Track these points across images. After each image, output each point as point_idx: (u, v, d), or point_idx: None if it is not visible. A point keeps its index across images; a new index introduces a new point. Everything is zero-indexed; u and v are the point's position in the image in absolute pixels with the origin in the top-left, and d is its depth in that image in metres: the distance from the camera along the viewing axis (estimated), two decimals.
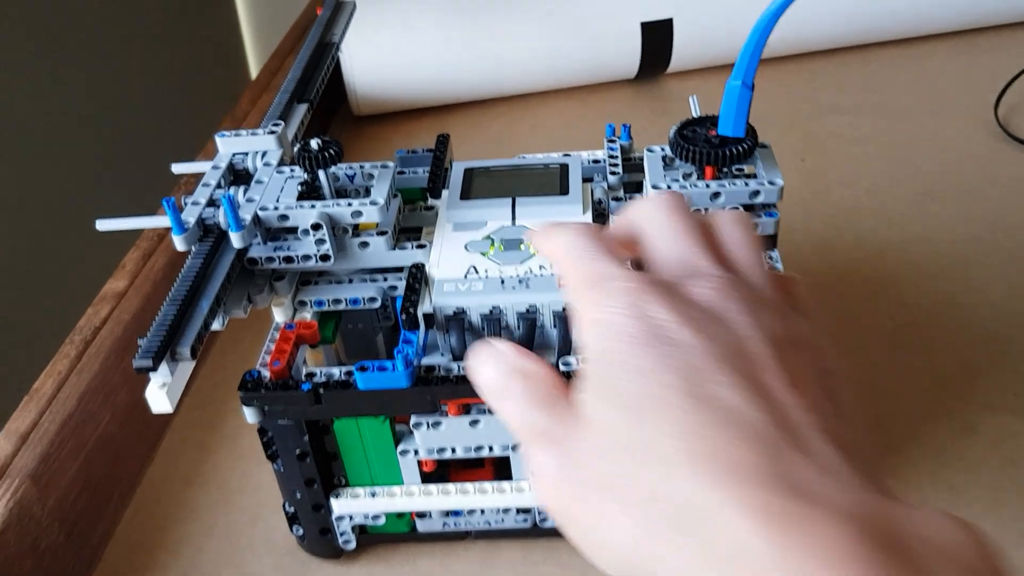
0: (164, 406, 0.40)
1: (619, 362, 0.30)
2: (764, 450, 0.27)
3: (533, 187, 0.51)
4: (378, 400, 0.44)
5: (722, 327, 0.31)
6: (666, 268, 0.34)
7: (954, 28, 1.02)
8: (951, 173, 0.80)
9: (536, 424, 0.33)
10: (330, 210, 0.46)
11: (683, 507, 0.27)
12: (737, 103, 0.46)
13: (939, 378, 0.60)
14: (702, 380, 0.29)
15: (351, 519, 0.49)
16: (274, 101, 0.55)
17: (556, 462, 0.31)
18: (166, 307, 0.42)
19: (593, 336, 0.32)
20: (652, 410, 0.29)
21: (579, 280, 0.34)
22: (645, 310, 0.31)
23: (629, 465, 0.29)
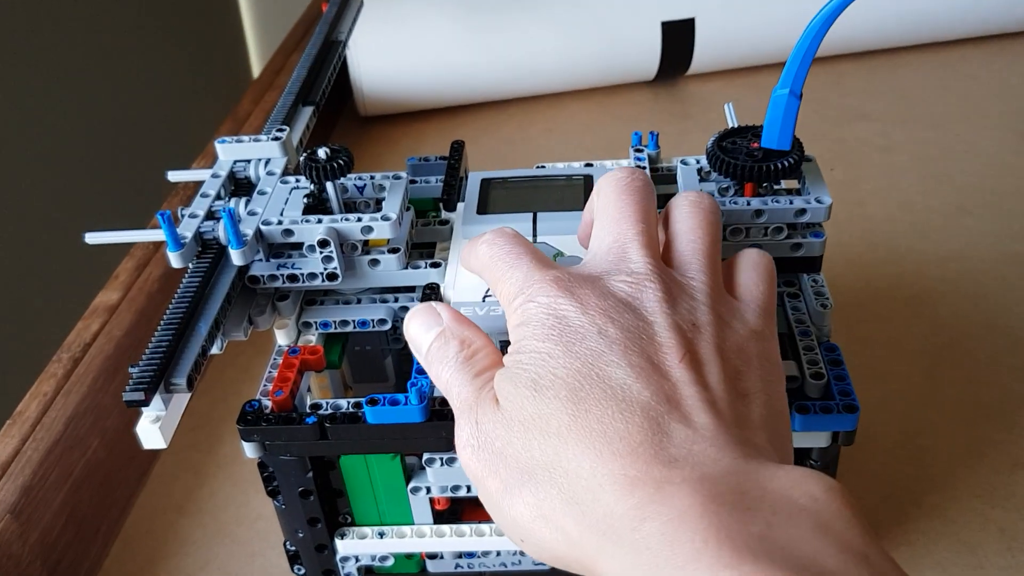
0: (157, 442, 0.36)
1: (528, 350, 0.33)
2: (642, 423, 0.30)
3: (555, 201, 0.48)
4: (389, 436, 0.40)
5: (629, 315, 0.33)
6: (599, 259, 0.36)
7: (986, 32, 0.98)
8: (987, 186, 0.77)
9: (463, 393, 0.35)
10: (338, 225, 0.42)
11: (569, 477, 0.30)
12: (784, 114, 0.42)
13: (982, 409, 0.56)
14: (597, 362, 0.31)
15: (357, 560, 0.46)
16: (277, 103, 0.51)
17: (473, 432, 0.33)
18: (160, 332, 0.38)
19: (515, 336, 0.34)
20: (548, 387, 0.31)
21: (505, 290, 0.36)
22: (557, 307, 0.33)
23: (527, 438, 0.31)
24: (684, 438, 0.30)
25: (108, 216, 0.87)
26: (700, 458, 0.29)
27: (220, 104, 0.91)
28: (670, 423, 0.30)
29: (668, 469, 0.29)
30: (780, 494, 0.27)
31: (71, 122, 0.86)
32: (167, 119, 1.00)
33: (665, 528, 0.27)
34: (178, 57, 1.05)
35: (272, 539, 0.51)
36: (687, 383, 0.31)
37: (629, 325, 0.33)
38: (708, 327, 0.33)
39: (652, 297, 0.33)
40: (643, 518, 0.27)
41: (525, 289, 0.35)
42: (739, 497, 0.27)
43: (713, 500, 0.27)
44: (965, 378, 0.59)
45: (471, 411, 0.34)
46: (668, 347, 0.32)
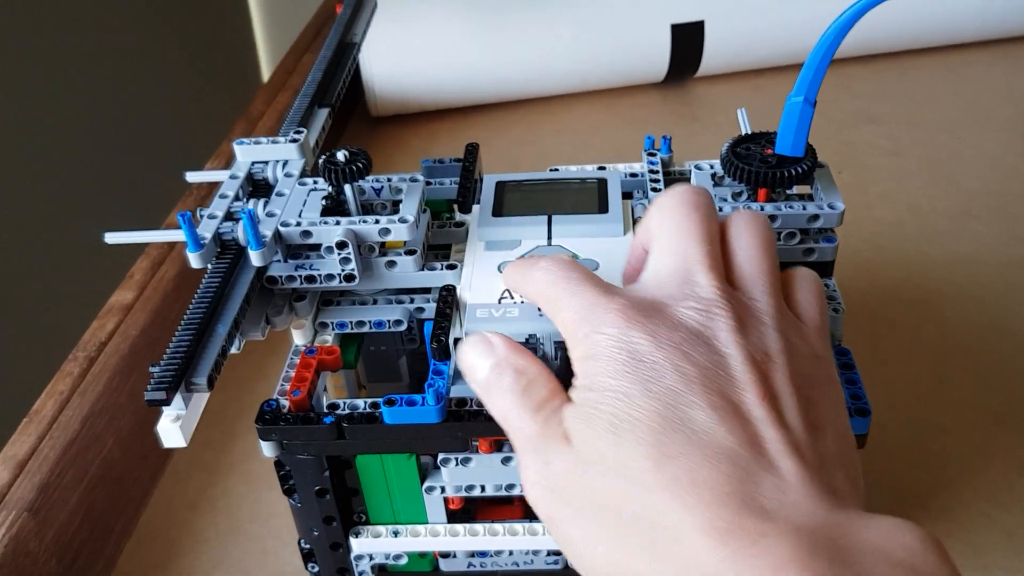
0: (178, 441, 0.37)
1: (601, 387, 0.32)
2: (728, 470, 0.29)
3: (570, 204, 0.48)
4: (406, 436, 0.40)
5: (703, 348, 0.32)
6: (662, 282, 0.35)
7: (992, 36, 0.98)
8: (993, 190, 0.77)
9: (524, 428, 0.34)
10: (356, 227, 0.43)
11: (652, 526, 0.29)
12: (798, 121, 0.43)
13: (990, 413, 0.57)
14: (677, 403, 0.30)
15: (371, 558, 0.46)
16: (293, 105, 0.52)
17: (543, 472, 0.33)
18: (180, 332, 0.38)
19: (582, 369, 0.33)
20: (628, 431, 0.30)
21: (567, 318, 0.35)
22: (629, 340, 0.32)
23: (604, 484, 0.31)
24: (773, 487, 0.29)
25: (122, 215, 0.87)
26: (792, 510, 0.28)
27: (231, 105, 0.92)
28: (758, 471, 0.29)
29: (762, 521, 0.28)
30: (875, 547, 0.27)
31: (84, 123, 0.86)
32: (179, 120, 1.01)
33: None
34: (189, 58, 1.05)
35: (285, 536, 0.52)
36: (768, 424, 0.30)
37: (704, 361, 0.32)
38: (779, 355, 0.33)
39: (723, 326, 0.32)
40: (738, 571, 0.27)
41: (590, 318, 0.33)
42: (837, 551, 0.26)
43: (811, 554, 0.26)
44: (973, 381, 0.59)
45: (538, 450, 0.33)
46: (745, 384, 0.31)
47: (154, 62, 0.98)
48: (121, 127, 0.92)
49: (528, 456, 0.33)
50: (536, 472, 0.33)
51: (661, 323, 0.32)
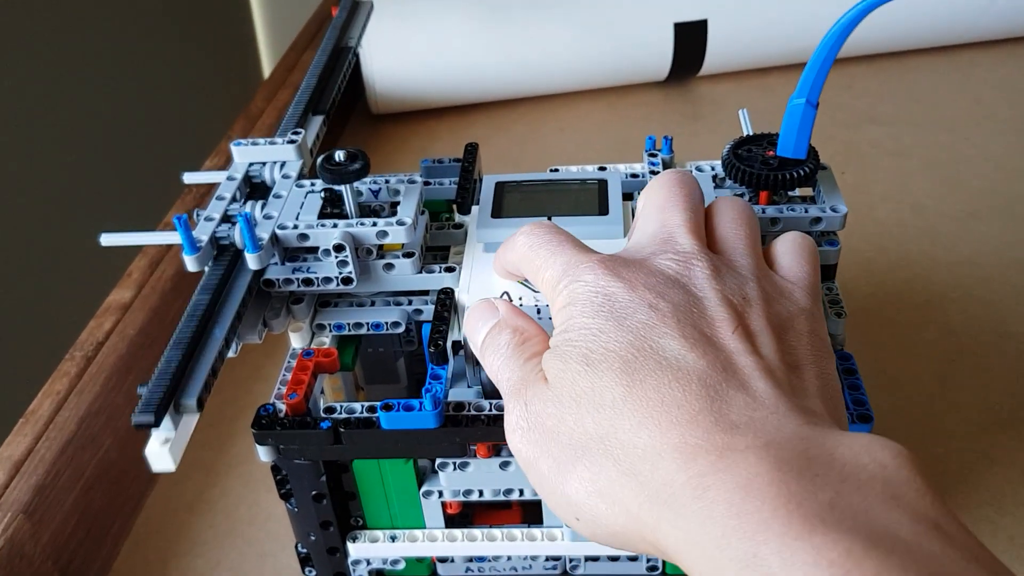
0: (167, 465, 0.35)
1: (576, 327, 0.33)
2: (699, 391, 0.30)
3: (570, 205, 0.47)
4: (403, 441, 0.40)
5: (678, 291, 0.33)
6: (643, 245, 0.36)
7: (996, 36, 0.97)
8: (997, 190, 0.77)
9: (511, 378, 0.35)
10: (354, 230, 0.42)
11: (625, 448, 0.29)
12: (800, 123, 0.42)
13: (994, 416, 0.56)
14: (649, 335, 0.31)
15: (368, 563, 0.46)
16: (287, 112, 0.51)
17: (522, 414, 0.33)
18: (170, 351, 0.37)
19: (560, 317, 0.34)
20: (600, 361, 0.31)
21: (547, 276, 0.36)
22: (605, 284, 0.33)
23: (579, 413, 0.31)
24: (744, 405, 0.29)
25: (120, 214, 0.87)
26: (762, 424, 0.29)
27: (231, 102, 0.91)
28: (728, 390, 0.30)
29: (731, 436, 0.28)
30: (848, 460, 0.27)
31: (82, 121, 0.86)
32: (179, 118, 1.00)
33: (731, 496, 0.26)
34: (189, 55, 1.05)
35: (283, 540, 0.52)
36: (742, 352, 0.31)
37: (679, 300, 0.33)
38: (757, 301, 0.33)
39: (700, 274, 0.33)
40: (707, 486, 0.27)
41: (569, 271, 0.35)
42: (806, 464, 0.26)
43: (779, 467, 0.26)
44: (977, 384, 0.59)
45: (519, 394, 0.34)
46: (720, 319, 0.32)
47: (154, 59, 0.98)
48: (120, 124, 0.91)
49: (511, 402, 0.34)
50: (516, 416, 0.33)
51: (638, 271, 0.34)
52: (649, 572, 0.46)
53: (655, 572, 0.46)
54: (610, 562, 0.46)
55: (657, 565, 0.46)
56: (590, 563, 0.46)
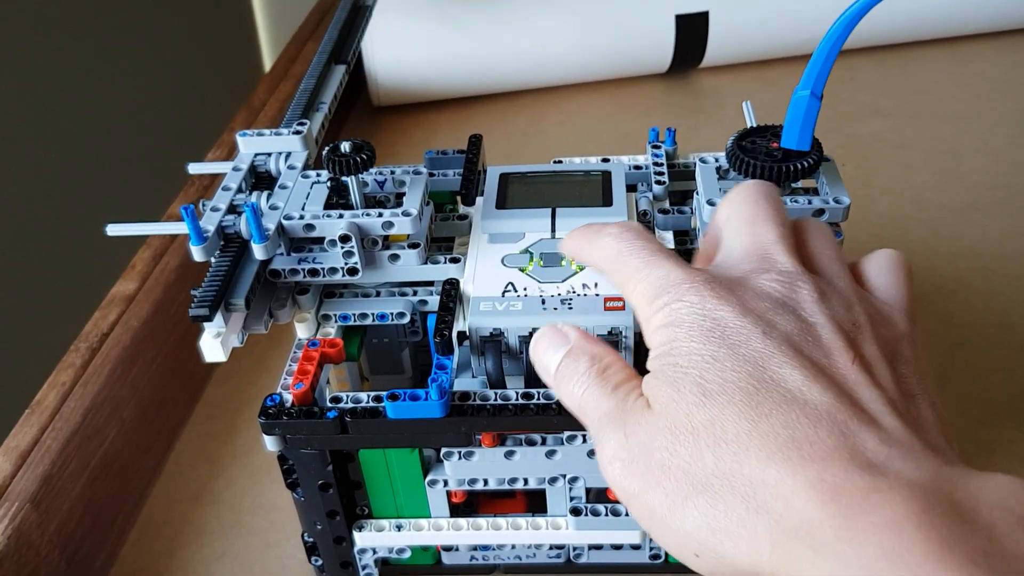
0: (218, 355, 0.40)
1: (685, 352, 0.31)
2: (830, 427, 0.28)
3: (574, 197, 0.48)
4: (409, 431, 0.40)
5: (789, 316, 0.31)
6: (739, 261, 0.35)
7: (999, 28, 0.97)
8: (998, 183, 0.77)
9: (601, 406, 0.33)
10: (359, 220, 0.43)
11: (753, 486, 0.28)
12: (804, 115, 0.42)
13: (993, 407, 0.57)
14: (767, 364, 0.30)
15: (374, 552, 0.46)
16: (312, 62, 0.54)
17: (623, 444, 0.31)
18: (217, 260, 0.41)
19: (659, 338, 0.33)
20: (717, 392, 0.30)
21: (641, 289, 0.34)
22: (712, 308, 0.32)
23: (697, 447, 0.29)
24: (878, 442, 0.28)
25: (124, 205, 0.87)
26: (901, 464, 0.27)
27: (233, 94, 0.91)
28: (859, 426, 0.28)
29: (872, 476, 0.27)
30: (992, 501, 0.26)
31: (86, 113, 0.86)
32: (181, 110, 1.00)
33: (880, 538, 0.25)
34: (191, 47, 1.05)
35: (288, 529, 0.52)
36: (863, 385, 0.30)
37: (792, 327, 0.31)
38: (867, 327, 0.32)
39: (808, 297, 0.32)
40: (852, 528, 0.26)
41: (670, 289, 0.33)
42: (953, 507, 0.26)
43: (928, 510, 0.25)
44: (977, 376, 0.59)
45: (615, 423, 0.32)
46: (836, 349, 0.31)
47: (156, 51, 0.98)
48: (123, 116, 0.91)
49: (606, 432, 0.32)
50: (615, 445, 0.32)
51: (744, 293, 0.32)
52: (652, 561, 0.46)
53: (658, 561, 0.46)
54: (613, 551, 0.46)
55: (660, 554, 0.46)
56: (593, 551, 0.46)
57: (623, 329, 0.41)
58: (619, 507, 0.43)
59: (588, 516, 0.43)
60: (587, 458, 0.41)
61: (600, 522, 0.43)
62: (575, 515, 0.43)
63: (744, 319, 0.31)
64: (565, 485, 0.43)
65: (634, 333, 0.41)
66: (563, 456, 0.42)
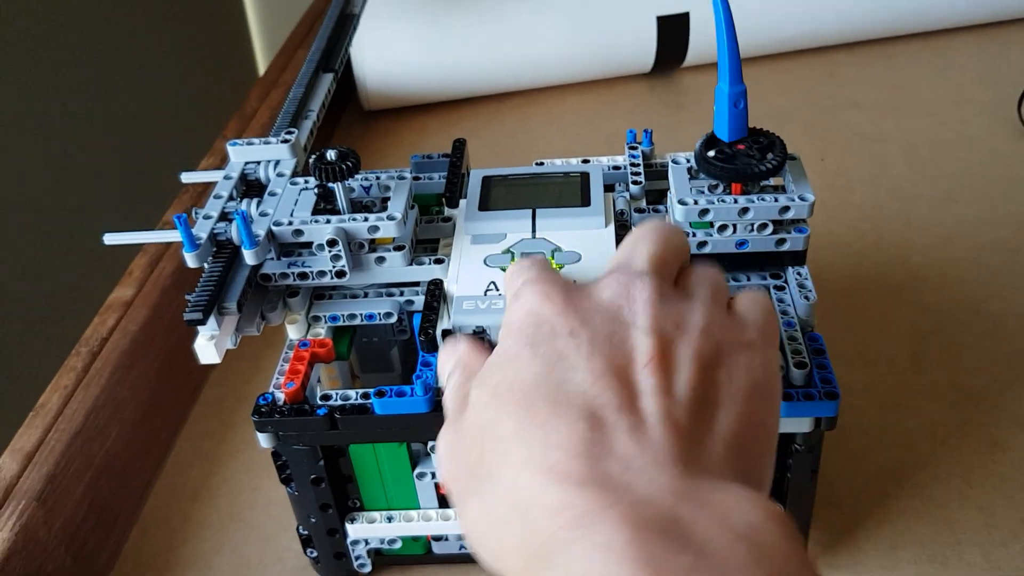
0: (212, 357, 0.41)
1: (499, 351, 0.33)
2: (584, 433, 0.29)
3: (553, 198, 0.50)
4: (396, 425, 0.42)
5: (607, 317, 0.32)
6: (607, 270, 0.35)
7: (976, 21, 0.99)
8: (975, 174, 0.79)
9: (449, 410, 0.35)
10: (346, 225, 0.45)
11: (511, 487, 0.29)
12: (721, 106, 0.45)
13: (965, 393, 0.59)
14: (560, 365, 0.31)
15: (367, 543, 0.48)
16: (300, 71, 0.56)
17: (446, 442, 0.34)
18: (210, 266, 0.43)
19: (500, 336, 0.34)
20: (504, 392, 0.31)
21: (507, 295, 0.36)
22: (539, 308, 0.33)
23: (481, 443, 0.31)
24: (625, 452, 0.28)
25: (120, 212, 0.89)
26: (637, 476, 0.28)
27: (227, 101, 0.93)
28: (615, 433, 0.29)
29: (600, 490, 0.27)
30: (716, 520, 0.26)
31: (82, 120, 0.88)
32: (175, 116, 1.02)
33: (592, 556, 0.26)
34: (183, 56, 1.06)
35: (284, 523, 0.54)
36: (648, 392, 0.30)
37: (601, 327, 0.32)
38: (696, 328, 0.32)
39: (639, 296, 0.32)
40: (568, 542, 0.26)
41: (521, 290, 0.35)
42: (671, 525, 0.26)
43: (641, 529, 0.26)
44: (950, 363, 0.61)
45: (448, 424, 0.34)
46: (638, 351, 0.31)
47: (149, 61, 0.99)
48: (118, 123, 0.93)
49: (442, 431, 0.34)
50: (443, 445, 0.34)
51: (578, 295, 0.33)
52: None
53: None
54: None
55: None
56: None
57: None
58: None
59: None
60: None
61: None
62: None
63: (560, 317, 0.32)
64: None
65: None
66: None
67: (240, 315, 0.43)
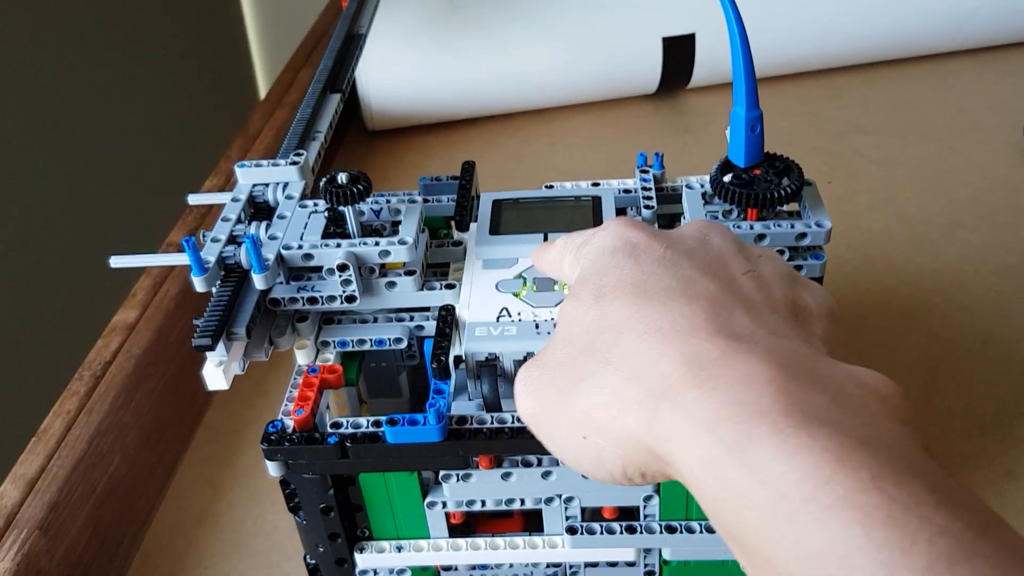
0: (220, 383, 0.41)
1: (592, 269, 0.34)
2: (710, 307, 0.31)
3: (565, 222, 0.49)
4: (408, 455, 0.41)
5: (698, 245, 0.35)
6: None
7: (980, 45, 0.99)
8: (981, 199, 0.78)
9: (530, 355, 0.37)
10: (357, 249, 0.44)
11: (627, 359, 0.30)
12: (737, 131, 0.45)
13: (977, 421, 0.58)
14: (665, 266, 0.33)
15: (375, 573, 0.47)
16: (307, 92, 0.55)
17: (532, 371, 0.34)
18: (219, 291, 0.42)
19: (578, 261, 0.36)
20: (611, 291, 0.32)
21: (573, 246, 0.38)
22: (624, 233, 0.35)
23: (585, 339, 0.32)
24: (748, 322, 0.30)
25: (125, 234, 0.89)
26: (764, 340, 0.29)
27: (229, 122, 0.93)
28: (734, 310, 0.31)
29: (734, 342, 0.29)
30: (845, 379, 0.28)
31: (87, 143, 0.87)
32: (179, 138, 1.02)
33: (731, 386, 0.27)
34: (186, 77, 1.06)
35: (289, 551, 0.53)
36: (753, 289, 0.33)
37: (697, 249, 0.34)
38: (773, 258, 0.36)
39: (719, 231, 0.36)
40: (707, 377, 0.28)
41: (594, 232, 0.37)
42: (805, 372, 0.27)
43: (780, 369, 0.27)
44: (960, 389, 0.60)
45: (531, 362, 0.35)
46: (733, 267, 0.34)
47: (152, 82, 0.99)
48: (120, 147, 0.92)
49: (524, 368, 0.35)
50: (528, 377, 0.34)
51: (661, 231, 0.36)
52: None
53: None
54: (609, 568, 0.47)
55: (654, 571, 0.47)
56: (590, 569, 0.47)
57: None
58: (614, 525, 0.44)
59: (584, 534, 0.44)
60: (582, 478, 0.43)
61: (595, 540, 0.45)
62: (571, 534, 0.45)
63: (653, 240, 0.34)
64: (561, 504, 0.44)
65: None
66: (558, 476, 0.43)
67: (249, 340, 0.42)
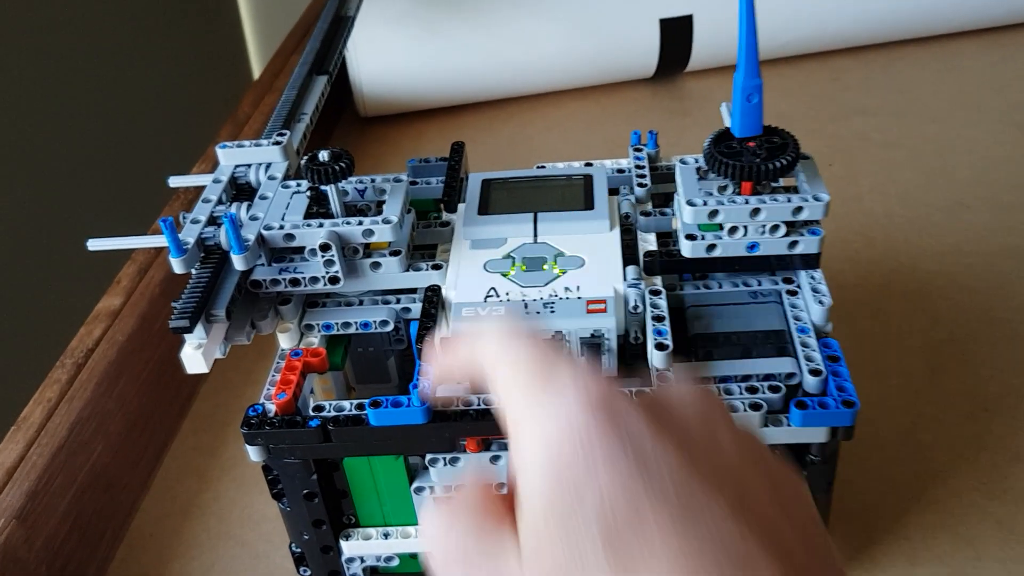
0: (200, 367, 0.40)
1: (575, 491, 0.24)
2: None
3: (556, 201, 0.48)
4: (392, 438, 0.40)
5: (710, 447, 0.26)
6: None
7: (980, 25, 0.98)
8: (984, 180, 0.77)
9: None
10: (339, 229, 0.43)
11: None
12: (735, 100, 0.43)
13: (982, 402, 0.57)
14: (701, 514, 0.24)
15: (362, 561, 0.46)
16: (293, 73, 0.54)
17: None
18: (198, 272, 0.41)
19: (543, 469, 0.25)
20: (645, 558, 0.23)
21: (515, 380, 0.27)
22: (612, 421, 0.25)
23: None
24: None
25: (110, 219, 0.87)
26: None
27: (221, 107, 0.91)
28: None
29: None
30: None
31: (72, 126, 0.86)
32: (168, 122, 1.00)
33: None
34: (178, 60, 1.05)
35: (277, 541, 0.52)
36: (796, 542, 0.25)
37: (718, 464, 0.26)
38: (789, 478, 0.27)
39: (726, 430, 0.27)
40: None
41: (554, 391, 0.26)
42: None
43: None
44: (965, 372, 0.59)
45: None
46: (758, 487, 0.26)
47: (142, 66, 0.98)
48: (109, 131, 0.91)
49: None
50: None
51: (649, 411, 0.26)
52: None
53: None
54: None
55: None
56: None
57: (605, 332, 0.41)
58: None
59: None
60: None
61: None
62: None
63: (657, 438, 0.25)
64: None
65: (616, 336, 0.41)
66: None
67: (229, 323, 0.41)
